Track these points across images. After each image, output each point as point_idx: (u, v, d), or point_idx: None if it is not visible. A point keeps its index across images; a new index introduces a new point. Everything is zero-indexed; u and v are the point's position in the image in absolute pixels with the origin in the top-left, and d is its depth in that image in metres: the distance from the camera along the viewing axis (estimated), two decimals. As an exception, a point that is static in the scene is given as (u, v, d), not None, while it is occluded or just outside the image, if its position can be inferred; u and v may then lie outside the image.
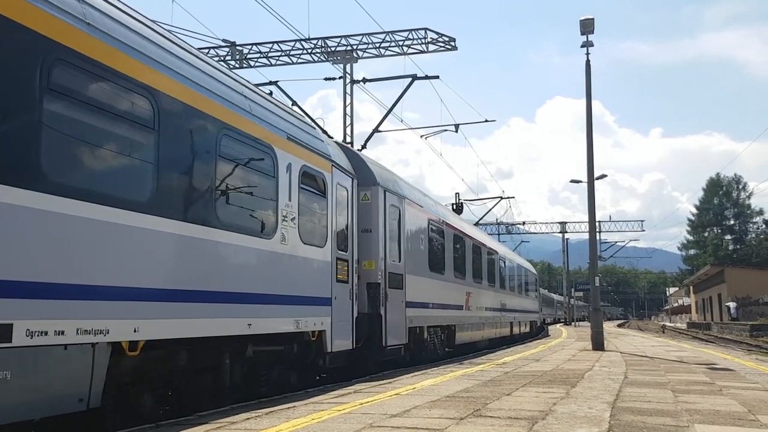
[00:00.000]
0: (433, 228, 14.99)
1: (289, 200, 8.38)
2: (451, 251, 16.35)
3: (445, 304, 15.28)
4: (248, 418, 5.90)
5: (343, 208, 10.31)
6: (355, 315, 10.44)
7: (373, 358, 11.18)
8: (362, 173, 11.40)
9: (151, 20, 6.65)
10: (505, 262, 24.83)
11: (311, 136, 9.53)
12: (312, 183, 9.19)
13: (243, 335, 7.23)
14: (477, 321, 18.68)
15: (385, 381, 9.21)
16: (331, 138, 12.08)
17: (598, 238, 21.60)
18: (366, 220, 11.30)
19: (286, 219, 8.23)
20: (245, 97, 7.76)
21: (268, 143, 7.96)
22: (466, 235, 18.56)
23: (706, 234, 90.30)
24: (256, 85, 9.07)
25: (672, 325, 73.70)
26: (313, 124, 10.31)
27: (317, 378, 10.20)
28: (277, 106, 8.86)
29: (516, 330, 26.61)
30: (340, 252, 9.96)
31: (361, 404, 6.70)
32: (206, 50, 23.02)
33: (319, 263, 9.17)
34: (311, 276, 8.93)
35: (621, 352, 16.08)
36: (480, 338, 19.53)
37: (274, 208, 8.02)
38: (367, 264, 11.21)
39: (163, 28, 6.91)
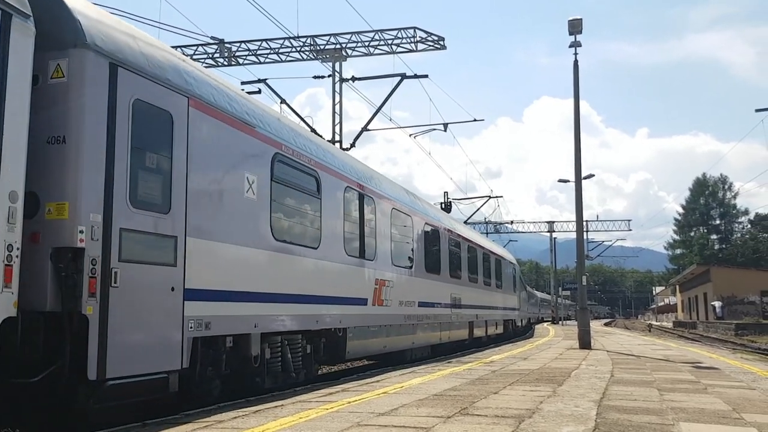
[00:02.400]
0: (289, 169, 9.25)
1: None
2: (338, 216, 10.74)
3: (317, 296, 9.76)
4: (235, 417, 5.89)
5: None
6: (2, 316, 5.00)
7: (67, 408, 5.66)
8: (53, 17, 5.82)
9: None
10: (461, 245, 19.10)
11: None
12: None
13: None
14: (399, 321, 13.27)
15: (372, 380, 9.21)
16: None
17: (585, 237, 21.68)
18: (57, 119, 5.74)
19: None
20: None
21: None
22: (382, 197, 12.93)
23: (692, 233, 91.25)
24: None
25: (658, 324, 74.25)
26: None
27: None
28: None
29: (479, 332, 21.01)
30: None
31: (349, 403, 6.70)
32: (194, 47, 22.94)
33: None
34: None
35: (608, 351, 16.17)
36: (408, 344, 14.09)
37: None
38: (54, 209, 5.63)
39: None
